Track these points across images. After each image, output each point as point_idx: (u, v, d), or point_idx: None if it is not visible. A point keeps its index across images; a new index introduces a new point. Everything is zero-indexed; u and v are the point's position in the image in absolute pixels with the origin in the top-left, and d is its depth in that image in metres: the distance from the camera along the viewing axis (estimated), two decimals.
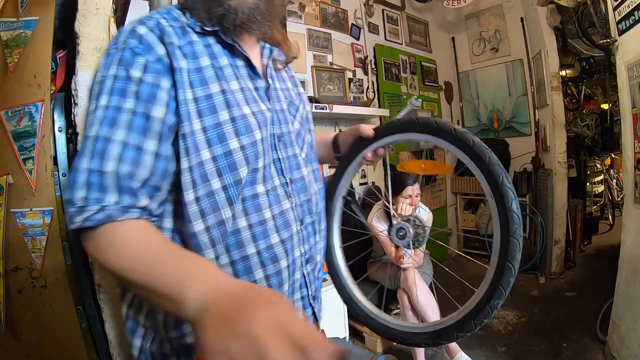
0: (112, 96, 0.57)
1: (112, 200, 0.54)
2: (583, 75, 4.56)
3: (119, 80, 0.58)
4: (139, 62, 0.58)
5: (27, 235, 1.15)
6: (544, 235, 3.37)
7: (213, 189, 0.61)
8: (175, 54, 0.60)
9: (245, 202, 0.64)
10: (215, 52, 0.66)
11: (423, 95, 3.83)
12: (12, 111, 1.18)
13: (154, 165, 0.58)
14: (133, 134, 0.56)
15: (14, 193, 1.15)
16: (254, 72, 0.70)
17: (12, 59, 1.18)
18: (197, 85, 0.61)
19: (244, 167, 0.62)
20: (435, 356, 2.24)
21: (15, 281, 1.13)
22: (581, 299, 2.80)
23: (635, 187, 1.90)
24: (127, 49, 0.59)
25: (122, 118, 0.56)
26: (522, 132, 3.87)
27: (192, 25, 0.66)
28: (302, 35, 2.71)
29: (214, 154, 0.61)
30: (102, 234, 0.53)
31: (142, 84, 0.58)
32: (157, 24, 0.62)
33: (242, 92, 0.66)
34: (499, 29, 3.91)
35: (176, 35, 0.63)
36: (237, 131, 0.62)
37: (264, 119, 0.67)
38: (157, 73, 0.59)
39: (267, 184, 0.66)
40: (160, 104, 0.58)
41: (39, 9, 1.20)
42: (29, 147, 1.17)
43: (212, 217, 0.61)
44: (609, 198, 4.75)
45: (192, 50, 0.63)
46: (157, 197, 0.60)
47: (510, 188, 0.68)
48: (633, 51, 1.83)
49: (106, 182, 0.54)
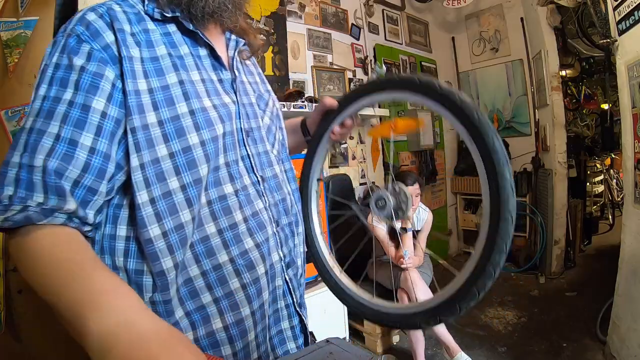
0: (52, 86, 0.52)
1: (36, 201, 0.47)
2: (583, 75, 4.56)
3: (60, 69, 0.53)
4: (84, 50, 0.53)
5: None
6: (544, 235, 3.37)
7: (170, 189, 0.55)
8: (125, 42, 0.55)
9: (212, 205, 0.59)
10: (175, 40, 0.61)
11: None
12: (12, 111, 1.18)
13: (88, 162, 0.51)
14: (67, 127, 0.50)
15: None
16: (218, 62, 0.65)
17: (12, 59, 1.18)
18: (153, 76, 0.56)
19: (204, 165, 0.57)
20: (435, 356, 2.24)
21: (15, 281, 1.13)
22: (581, 299, 2.80)
23: (635, 187, 1.90)
24: (74, 35, 0.54)
25: (59, 110, 0.51)
26: (522, 132, 3.87)
27: (150, 12, 0.60)
28: (302, 35, 2.71)
29: (171, 149, 0.55)
30: (20, 236, 0.47)
31: (84, 72, 0.52)
32: (108, 10, 0.57)
33: (203, 84, 0.61)
34: (499, 29, 3.91)
35: (129, 22, 0.57)
36: (196, 125, 0.57)
37: (227, 112, 0.62)
38: (102, 62, 0.53)
39: (236, 183, 0.61)
40: (102, 95, 0.53)
41: (39, 9, 1.19)
42: None
43: (170, 220, 0.55)
44: (609, 198, 4.75)
45: (148, 38, 0.58)
46: (93, 202, 0.52)
47: (501, 151, 0.56)
48: (633, 51, 1.83)
49: (35, 179, 0.48)
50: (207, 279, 0.58)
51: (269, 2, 2.50)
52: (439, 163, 3.86)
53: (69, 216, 0.50)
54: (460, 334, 2.38)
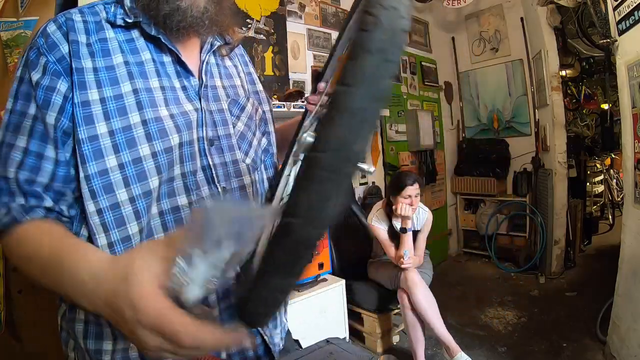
0: (18, 100, 0.55)
1: (18, 203, 0.53)
2: (583, 75, 4.56)
3: (23, 84, 0.56)
4: (40, 63, 0.55)
5: None
6: (544, 235, 3.37)
7: (118, 201, 0.55)
8: (78, 54, 0.56)
9: (165, 216, 0.59)
10: (137, 46, 0.60)
11: (423, 95, 3.83)
12: None
13: (55, 172, 0.55)
14: (34, 140, 0.54)
15: None
16: (184, 69, 0.63)
17: (12, 59, 1.18)
18: (106, 85, 0.56)
19: (154, 177, 0.57)
20: (435, 356, 2.24)
21: (15, 281, 1.13)
22: (581, 299, 2.80)
23: (635, 187, 1.90)
24: (35, 48, 0.56)
25: (25, 124, 0.54)
26: (522, 132, 3.87)
27: (111, 19, 0.60)
28: (302, 35, 2.71)
29: (121, 160, 0.55)
30: (11, 237, 0.52)
31: (39, 88, 0.54)
32: (66, 21, 0.57)
33: (162, 91, 0.60)
34: (499, 29, 3.91)
35: (86, 32, 0.58)
36: (148, 135, 0.56)
37: (186, 121, 0.60)
38: (55, 75, 0.55)
39: (192, 194, 0.60)
40: (54, 109, 0.54)
41: (39, 9, 1.20)
42: None
43: (116, 232, 0.56)
44: (609, 198, 4.76)
45: (104, 47, 0.58)
46: (64, 201, 0.56)
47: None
48: (633, 51, 1.83)
49: (12, 187, 0.53)
50: None
51: (269, 2, 2.50)
52: (439, 163, 3.86)
53: (47, 210, 0.54)
54: (460, 334, 2.38)
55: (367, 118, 0.32)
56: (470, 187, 3.97)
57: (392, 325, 2.45)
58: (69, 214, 0.57)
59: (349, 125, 0.31)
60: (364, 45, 0.32)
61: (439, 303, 2.06)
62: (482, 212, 3.94)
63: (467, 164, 4.01)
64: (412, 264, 2.10)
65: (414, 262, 2.13)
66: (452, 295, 3.09)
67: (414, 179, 2.19)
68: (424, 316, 2.00)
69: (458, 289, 3.24)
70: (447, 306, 2.77)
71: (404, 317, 2.09)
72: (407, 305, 2.06)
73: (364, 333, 2.43)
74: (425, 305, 2.00)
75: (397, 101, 3.48)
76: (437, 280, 2.98)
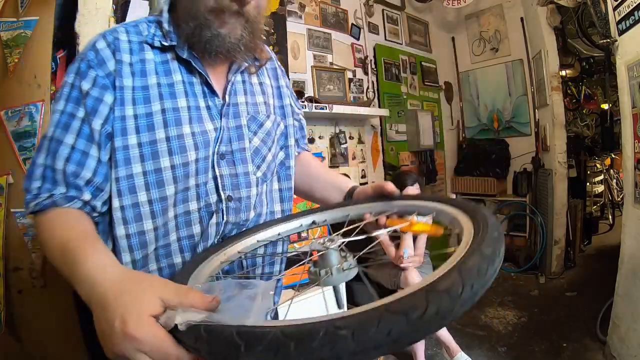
0: (68, 103, 0.64)
1: (60, 191, 0.61)
2: (583, 75, 4.56)
3: (74, 89, 0.64)
4: (91, 75, 0.64)
5: (27, 235, 1.15)
6: (544, 235, 3.37)
7: (138, 201, 0.65)
8: (121, 72, 0.65)
9: (177, 219, 0.68)
10: (170, 68, 0.69)
11: (423, 95, 3.83)
12: (12, 111, 1.18)
13: (97, 169, 0.63)
14: (81, 139, 0.63)
15: (14, 193, 1.15)
16: (210, 90, 0.71)
17: (12, 59, 1.18)
18: (140, 103, 0.65)
19: (171, 185, 0.66)
20: (435, 356, 2.24)
21: (15, 281, 1.13)
22: (581, 299, 2.80)
23: (635, 187, 1.90)
24: (85, 60, 0.65)
25: (74, 125, 0.63)
26: (522, 132, 3.87)
27: (150, 41, 0.68)
28: (302, 35, 2.71)
29: (145, 168, 0.65)
30: (46, 216, 0.60)
31: (88, 97, 0.63)
32: (114, 40, 0.66)
33: (188, 111, 0.68)
34: (499, 29, 3.91)
35: (130, 52, 0.67)
36: (170, 150, 0.66)
37: (205, 139, 0.69)
38: (103, 88, 0.64)
39: (201, 201, 0.69)
40: (100, 117, 0.63)
41: (39, 9, 1.20)
42: (29, 147, 1.17)
43: (134, 226, 0.66)
44: (609, 198, 4.76)
45: (143, 68, 0.67)
46: (101, 196, 0.64)
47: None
48: (633, 51, 1.83)
49: (57, 177, 0.61)
50: (161, 274, 0.69)
51: (269, 2, 2.50)
52: (439, 163, 3.86)
53: (84, 203, 0.62)
54: (460, 334, 2.38)
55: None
56: (470, 187, 3.97)
57: None
58: (101, 210, 0.65)
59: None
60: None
61: None
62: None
63: (467, 164, 4.01)
64: (412, 264, 2.10)
65: (413, 262, 2.13)
66: None
67: (415, 179, 2.19)
68: None
69: None
70: None
71: None
72: None
73: None
74: None
75: (397, 101, 3.48)
76: None
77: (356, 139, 3.02)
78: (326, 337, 0.31)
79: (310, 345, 0.31)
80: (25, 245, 1.13)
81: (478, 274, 0.36)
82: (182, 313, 0.40)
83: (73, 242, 0.53)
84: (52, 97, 1.19)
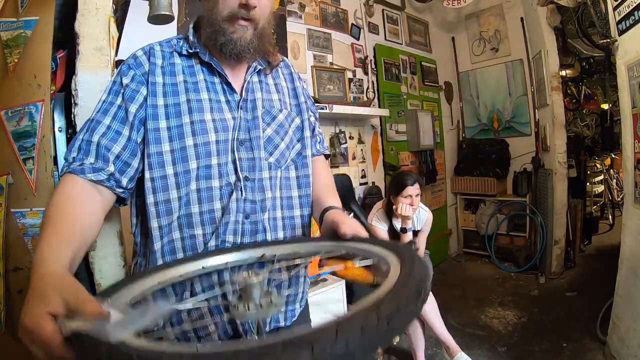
0: (110, 94, 0.79)
1: (90, 161, 0.73)
2: (583, 75, 4.55)
3: (116, 84, 0.80)
4: (130, 74, 0.80)
5: (27, 235, 1.15)
6: (544, 235, 3.37)
7: (166, 174, 0.78)
8: (154, 72, 0.81)
9: (200, 193, 0.79)
10: (195, 70, 0.84)
11: (423, 95, 3.83)
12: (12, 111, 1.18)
13: (126, 145, 0.77)
14: (116, 121, 0.77)
15: (14, 193, 1.15)
16: (230, 88, 0.84)
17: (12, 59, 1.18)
18: (169, 95, 0.80)
19: (194, 161, 0.78)
20: (435, 356, 2.24)
21: (15, 281, 1.13)
22: (581, 299, 2.80)
23: (635, 187, 1.90)
24: (127, 64, 0.82)
25: (112, 110, 0.78)
26: (522, 132, 3.87)
27: (178, 50, 0.84)
28: (302, 35, 2.71)
29: (172, 147, 0.78)
30: (67, 177, 0.71)
31: (127, 88, 0.79)
32: (149, 49, 0.84)
33: (209, 102, 0.82)
34: (499, 29, 3.91)
35: (162, 57, 0.83)
36: (193, 132, 0.79)
37: (224, 125, 0.81)
38: (140, 83, 0.80)
39: (222, 179, 0.81)
40: (136, 103, 0.78)
41: (39, 9, 1.19)
42: (29, 147, 1.17)
43: (162, 194, 0.78)
44: (609, 198, 4.76)
45: (172, 69, 0.82)
46: (127, 172, 0.77)
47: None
48: (633, 51, 1.83)
49: (91, 149, 0.74)
50: (184, 243, 0.80)
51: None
52: (439, 163, 3.86)
53: (108, 177, 0.73)
54: (460, 334, 2.38)
55: None
56: (470, 187, 3.97)
57: None
58: (125, 186, 0.76)
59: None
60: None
61: (439, 303, 2.06)
62: (482, 212, 3.94)
63: (467, 164, 4.01)
64: None
65: None
66: (452, 295, 3.09)
67: (415, 179, 2.19)
68: (424, 316, 2.00)
69: (458, 289, 3.24)
70: (447, 306, 2.77)
71: None
72: None
73: None
74: (425, 305, 2.00)
75: (397, 101, 3.48)
76: (437, 280, 2.99)
77: (356, 139, 3.02)
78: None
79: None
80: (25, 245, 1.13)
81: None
82: (76, 320, 0.44)
83: (49, 220, 0.64)
84: (52, 97, 1.19)
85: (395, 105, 3.44)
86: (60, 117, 1.21)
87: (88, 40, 1.15)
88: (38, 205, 1.15)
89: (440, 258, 3.89)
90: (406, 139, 3.53)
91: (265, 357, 0.33)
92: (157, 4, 1.48)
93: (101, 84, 1.12)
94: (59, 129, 1.21)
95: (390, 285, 0.46)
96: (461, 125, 4.28)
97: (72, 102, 1.15)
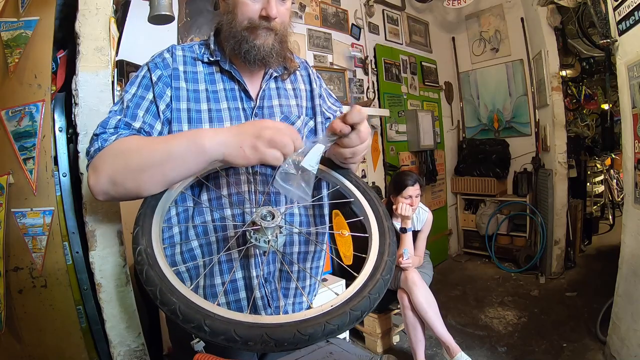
0: (139, 88, 0.82)
1: (125, 130, 0.77)
2: (583, 76, 4.55)
3: (145, 79, 0.83)
4: (157, 73, 0.84)
5: (27, 235, 1.15)
6: (544, 235, 3.37)
7: None
8: (177, 77, 0.84)
9: (229, 177, 0.84)
10: (215, 78, 0.87)
11: (423, 95, 3.83)
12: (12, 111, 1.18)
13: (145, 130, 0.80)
14: (148, 115, 0.81)
15: (15, 193, 1.15)
16: (246, 95, 0.88)
17: (12, 59, 1.18)
18: (192, 101, 0.84)
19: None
20: (435, 356, 2.24)
21: (15, 281, 1.13)
22: (581, 299, 2.80)
23: (635, 187, 1.90)
24: (153, 62, 0.85)
25: (144, 104, 0.81)
26: (522, 132, 3.87)
27: (200, 58, 0.88)
28: (302, 35, 2.72)
29: None
30: (111, 144, 0.73)
31: (156, 85, 0.83)
32: (173, 54, 0.87)
33: (228, 111, 0.85)
34: (499, 29, 3.91)
35: (184, 63, 0.86)
36: None
37: None
38: (165, 84, 0.84)
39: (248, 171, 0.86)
40: (164, 101, 0.82)
41: (39, 9, 1.19)
42: (30, 147, 1.16)
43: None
44: (609, 198, 4.75)
45: (194, 77, 0.86)
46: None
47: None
48: (633, 51, 1.83)
49: (132, 132, 0.78)
50: (196, 230, 0.84)
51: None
52: (439, 163, 3.86)
53: (138, 130, 0.78)
54: (460, 334, 2.39)
55: None
56: (471, 187, 3.97)
57: (392, 325, 2.45)
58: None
59: None
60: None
61: (439, 303, 2.06)
62: (482, 212, 3.94)
63: (467, 164, 4.01)
64: (412, 263, 2.10)
65: (414, 262, 2.13)
66: (452, 295, 3.09)
67: (415, 179, 2.19)
68: (424, 316, 2.00)
69: (458, 289, 3.24)
70: (447, 306, 2.77)
71: (404, 317, 2.09)
72: (407, 305, 2.06)
73: (364, 333, 2.43)
74: (426, 305, 2.00)
75: (398, 101, 3.48)
76: (437, 280, 2.99)
77: None
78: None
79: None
80: (25, 245, 1.13)
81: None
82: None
83: (146, 142, 0.73)
84: (52, 97, 1.19)
85: (396, 105, 3.44)
86: (61, 117, 1.21)
87: (88, 41, 1.15)
88: (38, 205, 1.15)
89: (441, 258, 3.89)
90: (406, 139, 3.53)
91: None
92: (157, 4, 1.49)
93: (101, 84, 1.12)
94: (60, 129, 1.21)
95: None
96: (461, 125, 4.28)
97: (73, 102, 1.15)
